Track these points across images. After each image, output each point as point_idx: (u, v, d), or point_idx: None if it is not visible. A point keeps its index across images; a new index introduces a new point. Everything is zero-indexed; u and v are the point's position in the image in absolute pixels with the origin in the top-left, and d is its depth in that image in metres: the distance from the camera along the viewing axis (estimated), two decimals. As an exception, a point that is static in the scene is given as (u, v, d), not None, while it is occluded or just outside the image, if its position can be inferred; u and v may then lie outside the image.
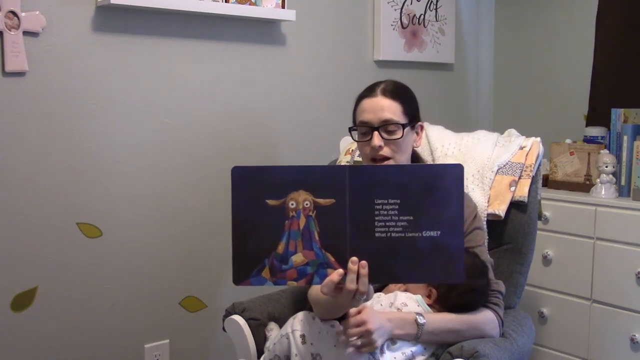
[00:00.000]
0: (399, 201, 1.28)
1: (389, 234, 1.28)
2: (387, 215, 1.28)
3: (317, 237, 1.29)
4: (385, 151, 1.64)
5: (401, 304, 1.53)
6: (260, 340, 1.70)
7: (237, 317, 1.73)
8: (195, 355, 2.37)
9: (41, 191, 2.00)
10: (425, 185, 1.28)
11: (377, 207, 1.28)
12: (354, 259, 1.28)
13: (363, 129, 1.66)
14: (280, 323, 1.74)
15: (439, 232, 1.28)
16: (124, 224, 2.16)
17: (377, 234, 1.28)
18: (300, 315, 1.58)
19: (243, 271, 1.30)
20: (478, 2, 3.19)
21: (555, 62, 3.02)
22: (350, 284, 1.28)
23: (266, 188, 1.29)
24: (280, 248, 1.29)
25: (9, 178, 1.94)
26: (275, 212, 1.29)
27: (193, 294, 2.35)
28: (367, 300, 1.35)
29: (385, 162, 1.64)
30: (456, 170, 1.29)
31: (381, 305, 1.55)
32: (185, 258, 2.31)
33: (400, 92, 1.69)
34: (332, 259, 1.29)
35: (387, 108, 1.64)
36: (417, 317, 1.49)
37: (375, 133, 1.63)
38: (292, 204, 1.28)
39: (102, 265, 2.13)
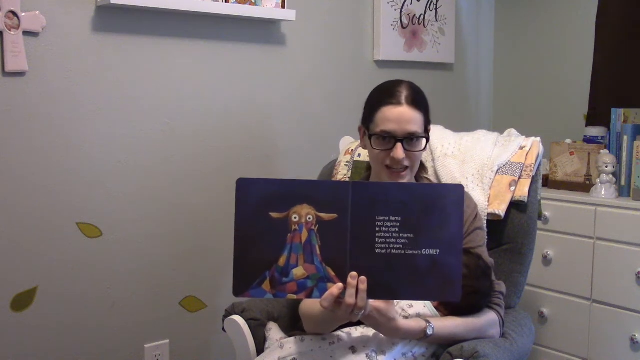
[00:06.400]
0: (400, 219, 1.29)
1: (389, 251, 1.30)
2: (388, 232, 1.29)
3: (318, 252, 1.30)
4: (406, 162, 1.62)
5: (407, 305, 1.53)
6: (260, 340, 1.70)
7: (236, 318, 1.73)
8: (195, 355, 2.37)
9: (41, 191, 2.00)
10: (426, 204, 1.30)
11: (379, 224, 1.29)
12: (354, 274, 1.29)
13: (382, 137, 1.62)
14: (280, 323, 1.74)
15: (438, 251, 1.29)
16: (124, 224, 2.16)
17: (377, 250, 1.29)
18: (288, 341, 1.57)
19: (243, 283, 1.31)
20: (478, 2, 3.19)
21: (555, 62, 3.02)
22: (349, 299, 1.29)
23: (270, 200, 1.30)
24: (282, 261, 1.30)
25: (8, 178, 1.94)
26: (278, 225, 1.30)
27: (193, 294, 2.35)
28: (364, 315, 1.35)
29: (405, 173, 1.64)
30: (457, 191, 1.31)
31: None
32: (185, 258, 2.31)
33: (421, 100, 1.65)
34: (332, 273, 1.30)
35: (412, 120, 1.60)
36: (427, 328, 1.48)
37: (399, 145, 1.60)
38: (295, 218, 1.29)
39: (102, 265, 2.13)
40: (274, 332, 1.70)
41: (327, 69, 2.62)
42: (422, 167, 1.86)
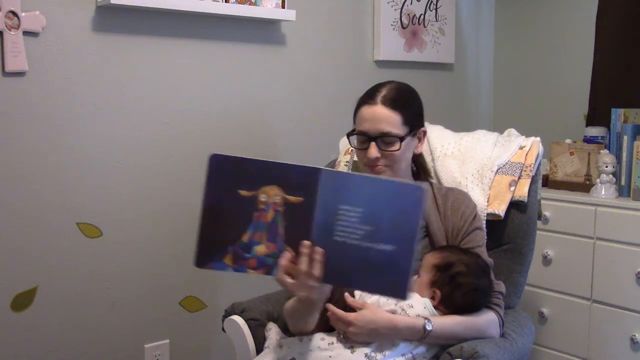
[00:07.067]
0: (361, 210, 1.30)
1: (346, 240, 1.31)
2: (349, 222, 1.30)
3: (282, 232, 1.32)
4: (382, 162, 1.62)
5: (407, 305, 1.53)
6: (260, 340, 1.70)
7: (236, 318, 1.73)
8: (195, 355, 2.37)
9: (41, 191, 2.00)
10: (388, 200, 1.30)
11: (340, 212, 1.30)
12: (307, 242, 1.31)
13: (361, 137, 1.64)
14: (279, 323, 1.74)
15: (392, 247, 1.29)
16: (124, 224, 2.16)
17: (335, 237, 1.31)
18: (287, 341, 1.57)
19: (207, 255, 1.34)
20: (478, 2, 3.19)
21: (555, 62, 3.02)
22: (302, 265, 1.31)
23: (241, 178, 1.33)
24: (246, 237, 1.33)
25: (8, 178, 1.95)
26: (246, 203, 1.32)
27: (193, 294, 2.35)
28: (323, 291, 1.39)
29: (381, 169, 1.63)
30: (417, 192, 1.30)
31: (387, 300, 1.55)
32: (186, 258, 2.29)
33: (401, 100, 1.63)
34: (293, 253, 1.33)
35: (385, 119, 1.59)
36: (426, 324, 1.49)
37: (372, 144, 1.60)
38: (264, 197, 1.32)
39: (102, 265, 2.13)
40: (273, 332, 1.69)
41: (327, 69, 2.63)
42: (425, 170, 1.84)
